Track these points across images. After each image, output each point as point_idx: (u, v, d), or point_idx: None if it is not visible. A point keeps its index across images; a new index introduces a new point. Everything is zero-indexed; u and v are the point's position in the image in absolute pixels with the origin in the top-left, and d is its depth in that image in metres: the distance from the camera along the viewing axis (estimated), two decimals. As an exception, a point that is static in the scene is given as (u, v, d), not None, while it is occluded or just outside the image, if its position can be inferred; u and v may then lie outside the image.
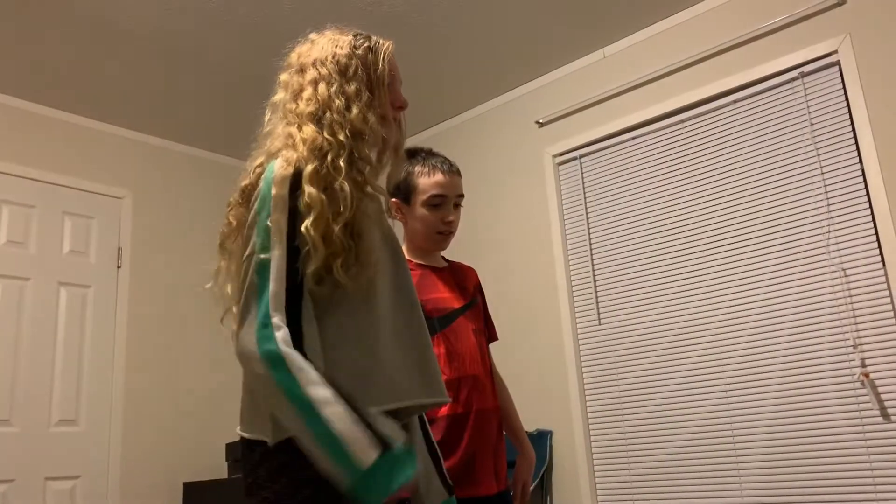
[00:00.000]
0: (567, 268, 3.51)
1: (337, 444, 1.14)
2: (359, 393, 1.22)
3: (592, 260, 3.44)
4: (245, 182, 1.34)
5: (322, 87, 1.34)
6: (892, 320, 2.57)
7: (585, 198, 3.52)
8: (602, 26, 3.36)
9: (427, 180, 1.93)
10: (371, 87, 1.39)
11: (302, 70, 1.38)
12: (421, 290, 1.89)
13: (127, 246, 3.91)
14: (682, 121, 3.23)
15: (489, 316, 2.11)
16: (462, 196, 1.98)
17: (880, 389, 2.57)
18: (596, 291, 3.40)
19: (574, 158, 3.59)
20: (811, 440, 2.69)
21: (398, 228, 2.06)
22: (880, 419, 2.55)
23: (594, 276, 3.42)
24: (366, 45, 1.41)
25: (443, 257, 2.06)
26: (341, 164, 1.28)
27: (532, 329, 3.57)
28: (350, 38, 1.41)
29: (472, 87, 3.86)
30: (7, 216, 3.52)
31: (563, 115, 3.63)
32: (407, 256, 1.98)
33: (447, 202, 1.93)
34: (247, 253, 1.25)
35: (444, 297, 1.91)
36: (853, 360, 2.63)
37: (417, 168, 1.95)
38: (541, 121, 3.71)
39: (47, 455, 3.42)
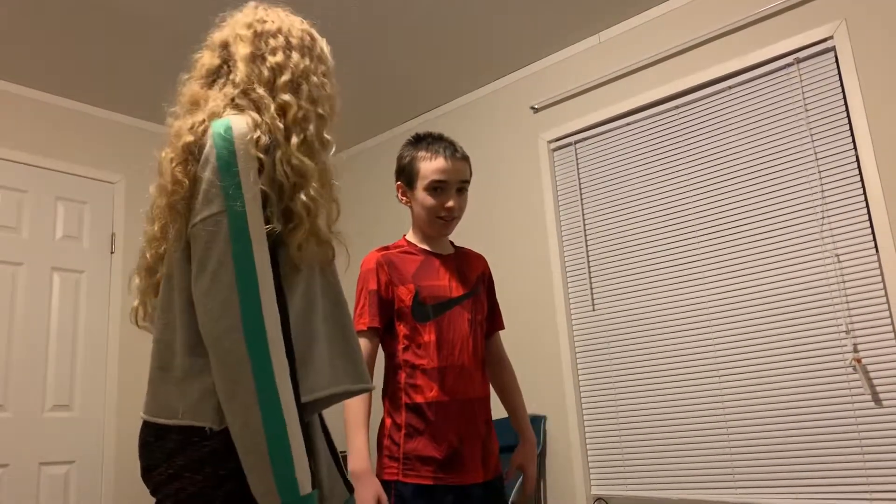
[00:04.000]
0: (561, 253, 3.51)
1: (287, 460, 1.07)
2: (301, 380, 1.19)
3: (587, 246, 3.44)
4: (189, 139, 1.23)
5: (296, 56, 1.32)
6: (885, 306, 2.58)
7: (580, 184, 3.51)
8: (597, 11, 3.34)
9: (428, 165, 1.93)
10: (330, 73, 1.40)
11: (260, 35, 1.33)
12: (420, 275, 1.91)
13: (120, 231, 3.89)
14: (677, 106, 3.22)
15: (495, 305, 2.12)
16: (466, 181, 1.97)
17: (872, 375, 2.58)
18: (590, 277, 3.40)
19: (569, 144, 3.58)
20: (803, 425, 2.70)
21: (405, 212, 2.07)
22: (872, 404, 2.57)
23: (588, 261, 3.42)
24: (320, 38, 1.43)
25: (451, 243, 2.08)
26: (326, 136, 1.28)
27: (526, 314, 3.57)
28: (304, 22, 1.42)
29: (467, 73, 3.84)
30: (-1, 201, 3.51)
31: (558, 100, 3.62)
32: (412, 240, 2.01)
33: (448, 187, 1.93)
34: (210, 212, 1.15)
35: (442, 284, 1.93)
36: (846, 345, 2.64)
37: (421, 153, 1.96)
38: (536, 106, 3.70)
39: (41, 440, 3.42)
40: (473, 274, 2.03)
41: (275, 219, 1.18)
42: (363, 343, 1.86)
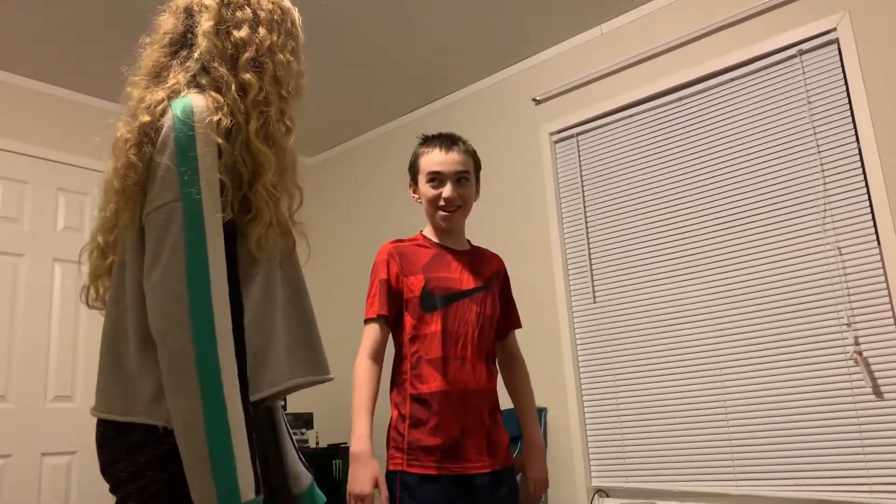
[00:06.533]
0: (563, 245, 3.51)
1: (229, 465, 1.02)
2: (258, 374, 1.16)
3: (588, 238, 3.44)
4: (146, 119, 1.16)
5: (263, 32, 1.24)
6: (886, 299, 2.57)
7: (582, 176, 3.51)
8: (599, 3, 3.33)
9: (426, 159, 2.02)
10: (299, 49, 1.32)
11: (227, 5, 1.25)
12: (431, 267, 1.98)
13: (122, 222, 3.89)
14: (680, 98, 3.21)
15: (511, 303, 2.17)
16: (465, 171, 2.03)
17: (873, 367, 2.58)
18: (591, 269, 3.40)
19: (571, 136, 3.58)
20: (803, 417, 2.70)
21: (407, 203, 2.10)
22: (873, 397, 2.57)
23: (590, 253, 3.42)
24: (293, 8, 1.34)
25: (468, 241, 2.14)
26: (287, 122, 1.22)
27: (527, 306, 3.56)
28: None
29: (469, 64, 3.83)
30: (1, 192, 3.50)
31: (560, 92, 3.61)
32: (427, 235, 2.07)
33: (444, 178, 2.00)
34: (164, 200, 1.09)
35: (453, 277, 1.99)
36: (847, 338, 2.64)
37: (422, 149, 2.06)
38: (538, 98, 3.70)
39: (43, 431, 3.43)
40: (487, 271, 2.08)
41: (230, 207, 1.12)
42: (373, 329, 1.93)
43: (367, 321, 1.95)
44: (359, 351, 1.92)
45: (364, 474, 1.76)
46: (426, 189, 2.02)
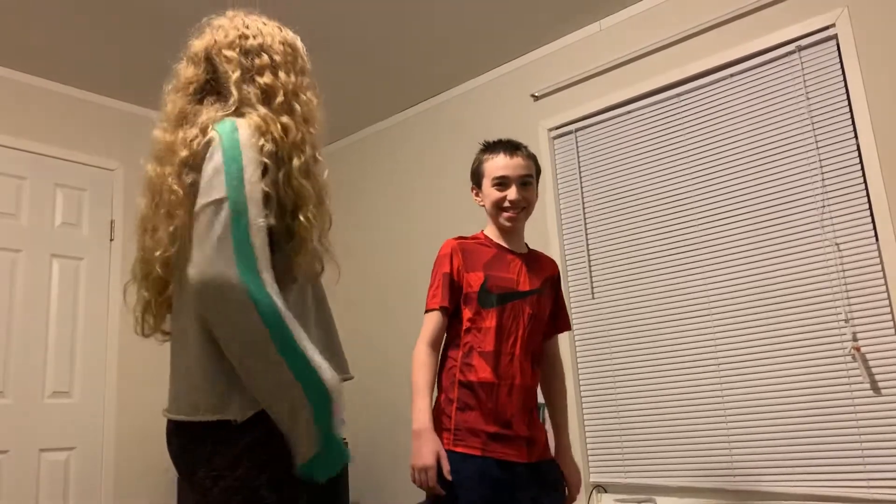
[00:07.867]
0: (561, 242, 3.51)
1: (326, 403, 1.16)
2: None
3: (587, 234, 3.44)
4: (184, 154, 1.29)
5: (283, 75, 1.36)
6: (884, 295, 2.58)
7: (580, 172, 3.51)
8: (599, -2, 3.33)
9: (491, 164, 2.14)
10: (312, 84, 1.45)
11: (245, 54, 1.36)
12: (491, 265, 2.08)
13: (119, 218, 3.89)
14: (678, 94, 3.21)
15: (562, 307, 2.28)
16: (529, 176, 2.14)
17: (871, 363, 2.58)
18: (590, 265, 3.40)
19: (569, 132, 3.57)
20: (802, 413, 2.71)
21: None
22: (870, 393, 2.57)
23: (588, 250, 3.42)
24: (297, 40, 1.46)
25: (526, 245, 2.24)
26: (318, 156, 1.32)
27: (526, 303, 3.57)
28: (282, 30, 1.45)
29: (468, 60, 3.83)
30: (-2, 188, 3.50)
31: (558, 88, 3.61)
32: (488, 235, 2.18)
33: (509, 181, 2.11)
34: (211, 199, 1.19)
35: (510, 277, 2.10)
36: (845, 334, 2.64)
37: (486, 155, 2.18)
38: (536, 94, 3.69)
39: (41, 426, 3.43)
40: (542, 275, 2.18)
41: (273, 217, 1.23)
42: (434, 319, 2.05)
43: (428, 311, 2.06)
44: (419, 337, 2.03)
45: (427, 448, 1.88)
46: (491, 192, 2.12)
